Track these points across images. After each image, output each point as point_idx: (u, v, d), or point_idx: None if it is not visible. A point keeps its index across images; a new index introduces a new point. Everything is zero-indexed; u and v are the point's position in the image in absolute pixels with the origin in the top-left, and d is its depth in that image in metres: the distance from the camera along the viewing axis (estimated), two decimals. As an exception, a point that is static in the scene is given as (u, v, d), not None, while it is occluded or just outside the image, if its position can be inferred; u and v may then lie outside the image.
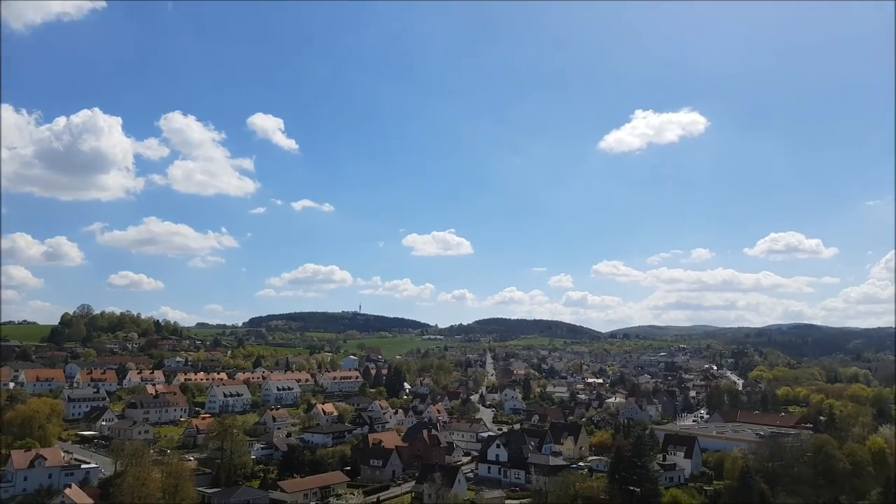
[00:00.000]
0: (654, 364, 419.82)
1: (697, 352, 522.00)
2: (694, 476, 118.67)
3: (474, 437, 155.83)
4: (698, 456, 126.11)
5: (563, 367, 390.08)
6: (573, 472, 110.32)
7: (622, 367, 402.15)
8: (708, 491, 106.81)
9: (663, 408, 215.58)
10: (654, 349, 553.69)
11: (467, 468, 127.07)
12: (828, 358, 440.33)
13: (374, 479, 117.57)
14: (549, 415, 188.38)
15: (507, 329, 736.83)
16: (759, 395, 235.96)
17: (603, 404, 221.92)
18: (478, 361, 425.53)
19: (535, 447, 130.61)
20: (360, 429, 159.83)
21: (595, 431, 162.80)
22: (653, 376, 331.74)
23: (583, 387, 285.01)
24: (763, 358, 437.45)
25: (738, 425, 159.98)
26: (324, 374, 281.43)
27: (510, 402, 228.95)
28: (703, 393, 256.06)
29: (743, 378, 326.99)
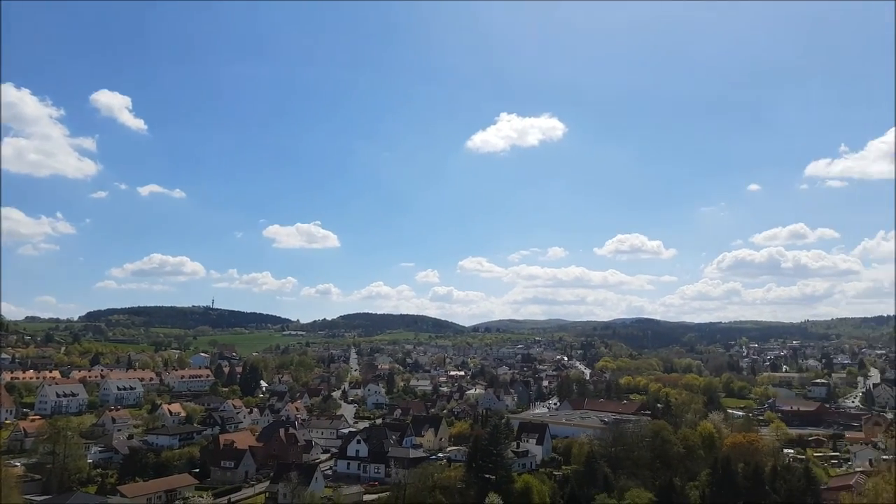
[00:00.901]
0: (513, 356, 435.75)
1: (551, 344, 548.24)
2: (545, 462, 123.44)
3: (335, 433, 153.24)
4: (549, 442, 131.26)
5: (427, 361, 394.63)
6: (432, 463, 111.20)
7: (483, 359, 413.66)
8: (557, 476, 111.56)
9: (519, 397, 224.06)
10: (512, 342, 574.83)
11: (326, 465, 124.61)
12: (665, 350, 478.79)
13: (225, 480, 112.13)
14: (412, 408, 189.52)
15: (373, 324, 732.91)
16: (604, 384, 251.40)
17: (464, 396, 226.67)
18: (341, 357, 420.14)
19: (396, 441, 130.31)
20: (211, 429, 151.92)
21: (455, 422, 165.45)
22: (510, 368, 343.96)
23: (445, 379, 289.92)
24: (608, 349, 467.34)
25: (584, 412, 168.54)
26: (171, 372, 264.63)
27: (373, 398, 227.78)
28: (554, 382, 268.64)
29: (590, 368, 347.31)
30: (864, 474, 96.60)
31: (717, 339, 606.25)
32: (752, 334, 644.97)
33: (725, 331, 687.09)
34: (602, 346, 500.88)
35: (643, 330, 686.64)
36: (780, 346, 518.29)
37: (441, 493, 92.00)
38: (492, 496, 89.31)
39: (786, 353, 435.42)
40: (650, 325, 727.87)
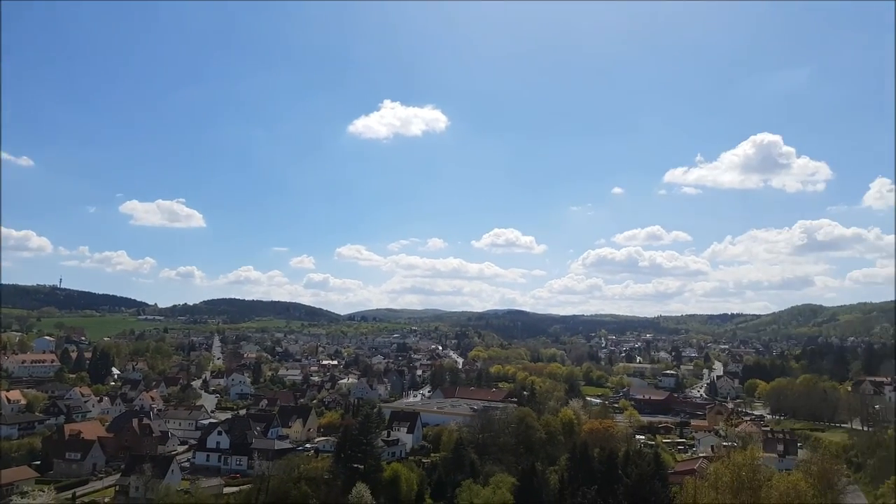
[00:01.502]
0: (388, 345, 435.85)
1: (427, 334, 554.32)
2: (414, 450, 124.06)
3: (194, 425, 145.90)
4: (420, 430, 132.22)
5: (298, 350, 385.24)
6: (299, 454, 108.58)
7: (357, 348, 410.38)
8: (426, 463, 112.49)
9: (392, 386, 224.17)
10: (388, 331, 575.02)
11: (184, 458, 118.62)
12: (533, 340, 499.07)
13: (70, 473, 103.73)
14: (280, 398, 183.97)
15: (240, 310, 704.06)
16: (475, 372, 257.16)
17: (336, 385, 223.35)
18: (203, 345, 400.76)
19: (261, 432, 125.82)
20: (55, 419, 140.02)
21: (326, 413, 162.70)
22: (385, 357, 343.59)
23: (317, 369, 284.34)
24: (481, 339, 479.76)
25: (455, 401, 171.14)
26: (10, 356, 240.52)
27: (237, 387, 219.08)
28: (428, 372, 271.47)
29: (463, 357, 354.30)
30: (706, 459, 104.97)
31: (580, 330, 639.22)
32: (610, 327, 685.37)
33: (587, 323, 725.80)
34: (476, 336, 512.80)
35: (514, 321, 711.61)
36: (636, 338, 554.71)
37: (307, 485, 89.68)
38: (359, 486, 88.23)
39: (640, 346, 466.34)
40: (521, 317, 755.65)
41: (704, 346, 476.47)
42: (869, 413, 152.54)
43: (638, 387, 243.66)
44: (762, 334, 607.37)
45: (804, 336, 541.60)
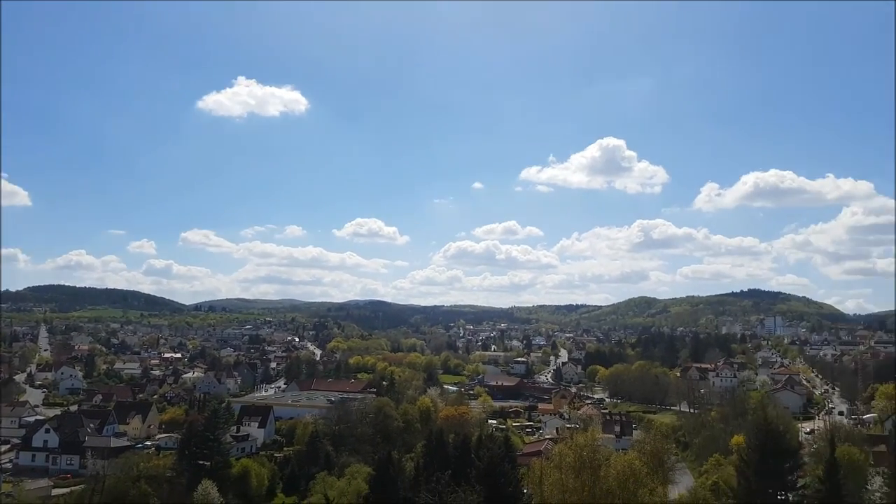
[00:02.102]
0: (239, 337, 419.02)
1: (283, 325, 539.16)
2: (266, 444, 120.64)
3: (17, 422, 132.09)
4: (272, 425, 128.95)
5: (137, 342, 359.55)
6: (138, 452, 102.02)
7: (204, 340, 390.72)
8: (278, 457, 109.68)
9: (243, 380, 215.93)
10: (240, 322, 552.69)
11: (6, 458, 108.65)
12: (394, 330, 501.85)
13: None
14: (116, 393, 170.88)
15: (70, 298, 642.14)
16: (334, 364, 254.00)
17: (179, 379, 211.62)
18: (28, 335, 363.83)
19: (94, 429, 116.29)
20: None
21: (168, 408, 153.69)
22: (236, 349, 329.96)
23: (158, 362, 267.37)
24: (341, 330, 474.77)
25: (312, 393, 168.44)
26: None
27: (68, 382, 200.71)
28: (283, 364, 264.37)
29: (322, 349, 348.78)
30: (551, 441, 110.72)
31: (440, 320, 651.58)
32: (468, 317, 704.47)
33: (447, 313, 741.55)
34: (335, 327, 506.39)
35: (376, 312, 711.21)
36: (491, 328, 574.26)
37: (147, 484, 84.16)
38: (205, 483, 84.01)
39: (495, 335, 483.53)
40: (382, 307, 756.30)
41: (552, 334, 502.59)
42: (695, 397, 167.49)
43: (492, 374, 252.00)
44: (603, 324, 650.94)
45: (640, 326, 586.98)
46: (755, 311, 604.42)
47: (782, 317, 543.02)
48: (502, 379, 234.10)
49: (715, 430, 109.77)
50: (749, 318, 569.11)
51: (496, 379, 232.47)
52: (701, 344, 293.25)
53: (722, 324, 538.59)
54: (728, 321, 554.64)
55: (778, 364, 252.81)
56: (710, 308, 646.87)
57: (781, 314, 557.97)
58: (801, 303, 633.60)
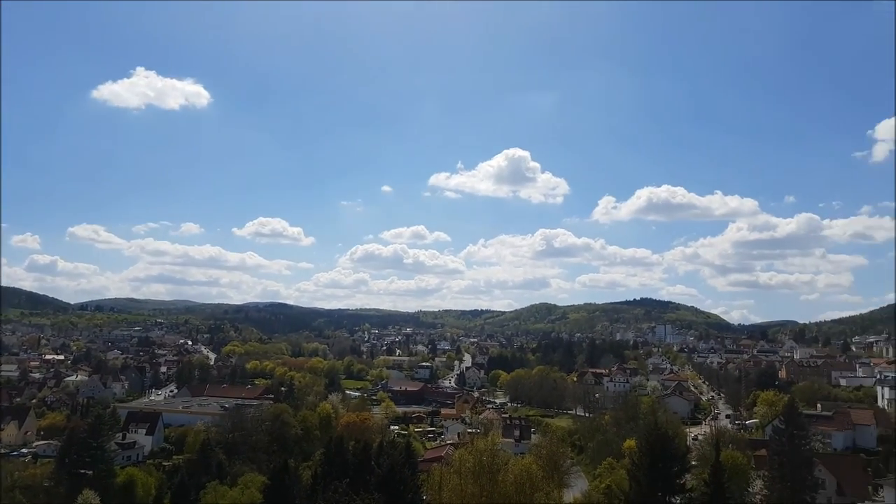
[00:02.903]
0: (127, 339, 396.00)
1: (175, 327, 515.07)
2: (154, 453, 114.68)
3: None
4: (161, 432, 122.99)
5: (15, 342, 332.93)
6: (13, 459, 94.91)
7: (90, 342, 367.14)
8: (167, 466, 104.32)
9: (131, 385, 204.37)
10: (129, 323, 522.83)
11: None
12: (296, 334, 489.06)
13: None
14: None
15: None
16: (229, 368, 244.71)
17: (61, 383, 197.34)
18: None
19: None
20: None
21: (48, 413, 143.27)
22: (124, 352, 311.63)
23: (39, 364, 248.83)
24: (239, 333, 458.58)
25: (205, 399, 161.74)
26: None
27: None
28: (174, 368, 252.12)
29: (217, 353, 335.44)
30: (453, 446, 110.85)
31: (345, 324, 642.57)
32: (374, 321, 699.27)
33: (352, 317, 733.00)
34: (232, 330, 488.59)
35: (276, 314, 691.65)
36: (397, 332, 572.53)
37: (22, 494, 78.31)
38: (86, 493, 78.51)
39: (400, 339, 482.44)
40: (283, 310, 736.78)
41: (457, 339, 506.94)
42: (590, 401, 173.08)
43: (396, 379, 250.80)
44: (506, 329, 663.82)
45: (541, 331, 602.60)
46: (647, 318, 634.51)
47: (672, 325, 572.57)
48: (406, 384, 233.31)
49: (608, 434, 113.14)
50: (641, 325, 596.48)
51: (400, 384, 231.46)
52: (597, 350, 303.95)
53: (616, 330, 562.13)
54: (622, 328, 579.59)
55: (668, 370, 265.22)
56: (605, 315, 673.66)
57: (671, 322, 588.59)
58: (690, 312, 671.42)
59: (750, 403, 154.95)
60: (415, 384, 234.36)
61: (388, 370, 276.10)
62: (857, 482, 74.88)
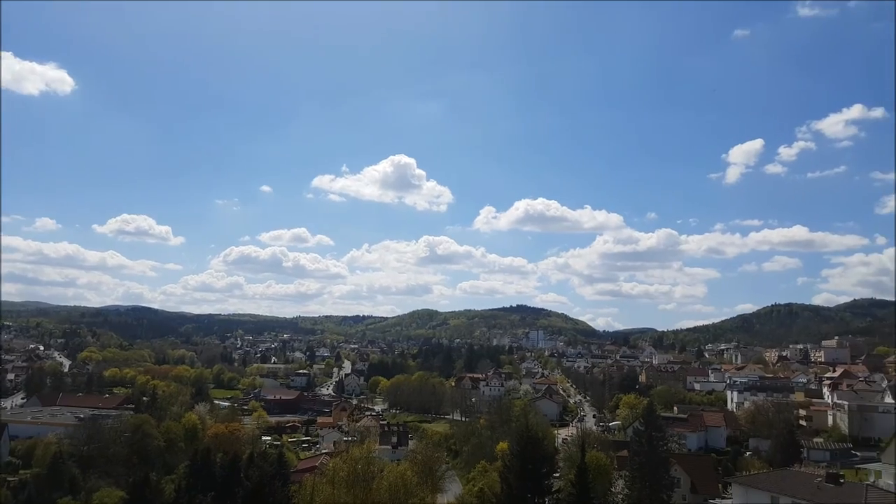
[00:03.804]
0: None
1: (25, 330, 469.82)
2: None
3: None
4: (6, 445, 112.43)
5: None
6: None
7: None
8: (13, 482, 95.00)
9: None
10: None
11: None
12: (160, 340, 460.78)
13: None
14: None
15: None
16: (85, 376, 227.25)
17: None
18: None
19: None
20: None
21: None
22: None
23: None
24: (96, 339, 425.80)
25: (57, 409, 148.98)
26: None
27: None
28: (23, 375, 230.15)
29: (72, 359, 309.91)
30: (328, 455, 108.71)
31: (215, 330, 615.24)
32: (248, 327, 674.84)
33: (224, 323, 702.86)
34: (90, 335, 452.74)
35: (140, 319, 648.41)
36: (273, 338, 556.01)
37: None
38: None
39: (276, 346, 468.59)
40: (148, 314, 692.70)
41: (337, 345, 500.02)
42: (467, 405, 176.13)
43: (270, 387, 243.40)
44: (388, 335, 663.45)
45: (422, 337, 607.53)
46: (522, 325, 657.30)
47: (544, 331, 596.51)
48: (281, 392, 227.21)
49: (483, 438, 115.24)
50: (516, 331, 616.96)
51: (274, 392, 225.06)
52: (475, 355, 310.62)
53: (493, 336, 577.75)
54: (498, 334, 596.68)
55: (539, 374, 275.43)
56: (483, 321, 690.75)
57: (544, 328, 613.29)
58: (561, 319, 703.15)
59: (613, 406, 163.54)
60: (290, 393, 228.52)
61: (262, 378, 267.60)
62: (708, 481, 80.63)
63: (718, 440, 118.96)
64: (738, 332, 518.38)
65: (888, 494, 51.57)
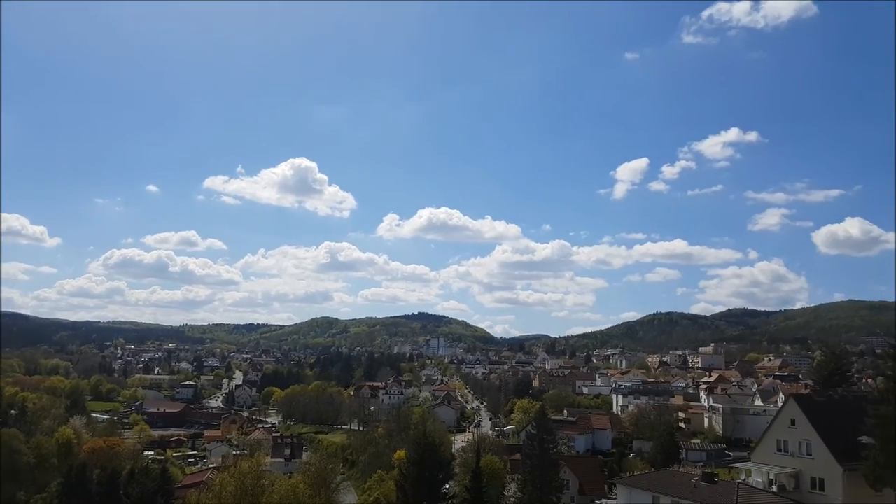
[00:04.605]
0: None
1: None
2: None
3: None
4: None
5: None
6: None
7: None
8: None
9: None
10: None
11: None
12: (32, 349, 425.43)
13: None
14: None
15: None
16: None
17: None
18: None
19: None
20: None
21: None
22: None
23: None
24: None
25: None
26: None
27: None
28: None
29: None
30: (216, 470, 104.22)
31: (93, 339, 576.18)
32: (130, 335, 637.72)
33: (103, 331, 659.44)
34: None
35: (8, 325, 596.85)
36: (157, 348, 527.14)
37: None
38: None
39: (161, 356, 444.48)
40: (18, 321, 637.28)
41: (228, 355, 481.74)
42: (365, 414, 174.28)
43: (153, 399, 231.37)
44: (284, 344, 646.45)
45: (320, 346, 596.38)
46: (423, 332, 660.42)
47: (445, 338, 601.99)
48: (165, 405, 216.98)
49: (380, 447, 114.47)
50: (418, 338, 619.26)
51: (158, 405, 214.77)
52: (375, 363, 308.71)
53: (395, 344, 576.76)
54: (400, 341, 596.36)
55: (439, 381, 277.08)
56: (385, 329, 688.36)
57: (444, 336, 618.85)
58: (461, 326, 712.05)
59: (508, 411, 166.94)
60: (175, 405, 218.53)
61: (145, 390, 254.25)
62: (595, 482, 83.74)
63: (605, 442, 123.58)
64: (623, 338, 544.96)
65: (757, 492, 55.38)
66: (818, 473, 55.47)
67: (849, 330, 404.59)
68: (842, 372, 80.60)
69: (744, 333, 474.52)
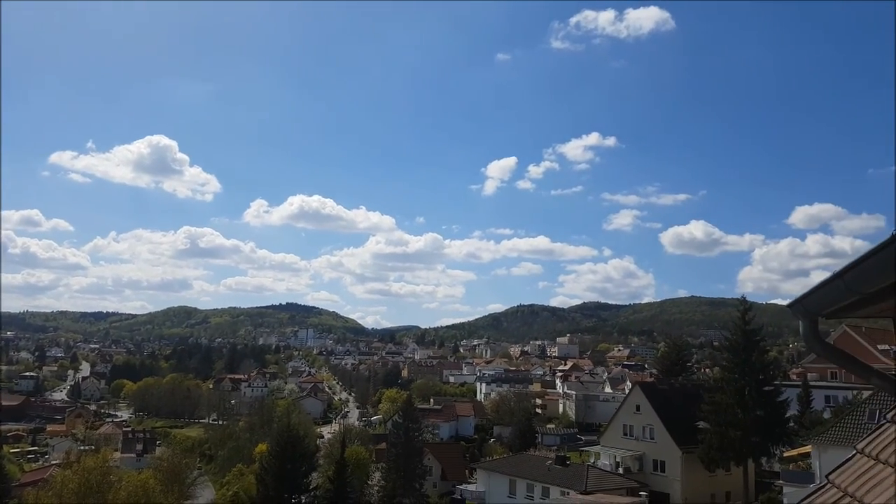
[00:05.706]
0: None
1: None
2: None
3: None
4: None
5: None
6: None
7: None
8: None
9: None
10: None
11: None
12: None
13: None
14: None
15: None
16: None
17: None
18: None
19: None
20: None
21: None
22: None
23: None
24: None
25: None
26: None
27: None
28: None
29: None
30: (59, 466, 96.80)
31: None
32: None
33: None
34: None
35: None
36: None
37: None
38: None
39: None
40: None
41: (74, 345, 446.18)
42: (225, 408, 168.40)
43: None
44: (136, 334, 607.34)
45: (177, 336, 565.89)
46: (291, 323, 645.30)
47: (314, 329, 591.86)
48: (2, 398, 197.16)
49: (241, 441, 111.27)
50: (285, 329, 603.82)
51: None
52: (238, 355, 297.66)
53: (260, 335, 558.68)
54: (265, 332, 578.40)
55: (306, 373, 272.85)
56: (250, 320, 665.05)
57: (314, 327, 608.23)
58: (332, 317, 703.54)
59: (377, 401, 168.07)
60: (14, 398, 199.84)
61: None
62: (457, 467, 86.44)
63: (468, 429, 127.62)
64: (489, 329, 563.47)
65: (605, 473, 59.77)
66: (660, 456, 60.76)
67: (690, 324, 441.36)
68: (682, 362, 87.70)
69: (597, 325, 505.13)
